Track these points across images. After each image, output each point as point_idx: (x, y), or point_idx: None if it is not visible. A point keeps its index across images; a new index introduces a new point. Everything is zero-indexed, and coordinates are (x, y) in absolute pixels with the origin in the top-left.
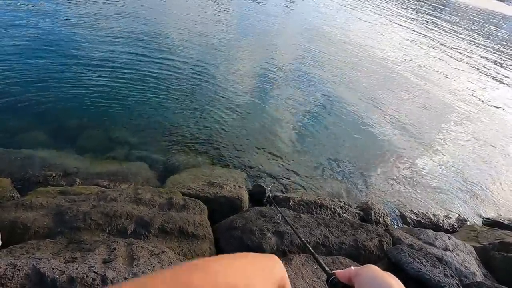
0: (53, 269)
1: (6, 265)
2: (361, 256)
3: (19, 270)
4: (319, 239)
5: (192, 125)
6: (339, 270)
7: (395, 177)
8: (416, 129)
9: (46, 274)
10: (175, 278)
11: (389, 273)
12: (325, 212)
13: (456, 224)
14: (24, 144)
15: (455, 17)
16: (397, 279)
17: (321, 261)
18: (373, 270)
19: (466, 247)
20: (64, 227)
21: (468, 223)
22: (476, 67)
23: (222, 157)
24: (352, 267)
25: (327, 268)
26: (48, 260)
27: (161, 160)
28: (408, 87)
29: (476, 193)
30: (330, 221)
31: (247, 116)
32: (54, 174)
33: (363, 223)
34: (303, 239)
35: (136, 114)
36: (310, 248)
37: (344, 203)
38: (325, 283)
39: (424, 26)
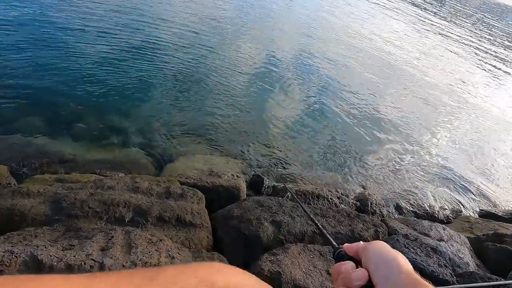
0: (50, 256)
1: (4, 252)
2: None
3: (16, 257)
4: (315, 228)
5: (191, 113)
6: (347, 244)
7: (392, 169)
8: (415, 121)
9: (44, 261)
10: None
11: (397, 251)
12: (322, 202)
13: (451, 215)
14: (20, 131)
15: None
16: (403, 256)
17: (328, 234)
18: (381, 245)
19: (460, 237)
20: (62, 214)
21: (463, 214)
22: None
23: (220, 146)
24: (361, 242)
25: (333, 242)
26: (45, 247)
27: (159, 148)
28: (407, 79)
29: (472, 184)
30: (327, 211)
31: (246, 106)
32: (51, 162)
33: (360, 214)
34: (311, 215)
35: (134, 102)
36: (317, 222)
37: (341, 194)
38: (332, 255)
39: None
